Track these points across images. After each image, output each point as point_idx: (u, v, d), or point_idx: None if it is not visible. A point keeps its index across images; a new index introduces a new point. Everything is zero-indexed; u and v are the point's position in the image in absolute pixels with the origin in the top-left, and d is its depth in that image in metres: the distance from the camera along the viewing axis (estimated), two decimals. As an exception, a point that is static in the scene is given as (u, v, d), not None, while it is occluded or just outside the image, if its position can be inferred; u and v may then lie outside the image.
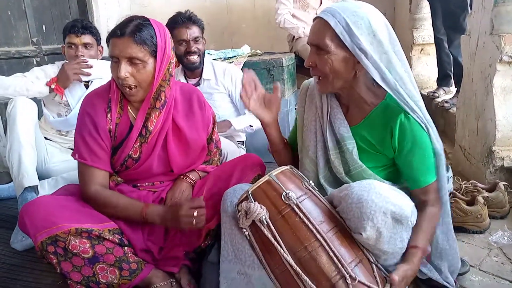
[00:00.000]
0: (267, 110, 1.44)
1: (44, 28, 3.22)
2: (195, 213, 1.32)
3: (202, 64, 2.43)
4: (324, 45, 1.23)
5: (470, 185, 2.04)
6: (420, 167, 1.28)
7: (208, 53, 3.04)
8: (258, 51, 3.24)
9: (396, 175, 1.39)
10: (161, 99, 1.44)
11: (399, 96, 1.23)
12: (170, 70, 1.44)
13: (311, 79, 1.49)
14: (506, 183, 2.01)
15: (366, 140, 1.34)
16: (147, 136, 1.46)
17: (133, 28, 1.35)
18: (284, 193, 1.18)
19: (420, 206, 1.28)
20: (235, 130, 2.39)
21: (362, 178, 1.28)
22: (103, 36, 1.80)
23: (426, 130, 1.27)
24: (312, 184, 1.27)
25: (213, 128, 1.66)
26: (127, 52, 1.34)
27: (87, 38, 2.22)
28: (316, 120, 1.42)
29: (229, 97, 2.50)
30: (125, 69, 1.35)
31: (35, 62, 3.08)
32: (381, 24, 1.23)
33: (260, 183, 1.22)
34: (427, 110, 1.30)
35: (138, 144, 1.47)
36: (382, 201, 1.10)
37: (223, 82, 2.45)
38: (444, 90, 3.46)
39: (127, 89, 1.39)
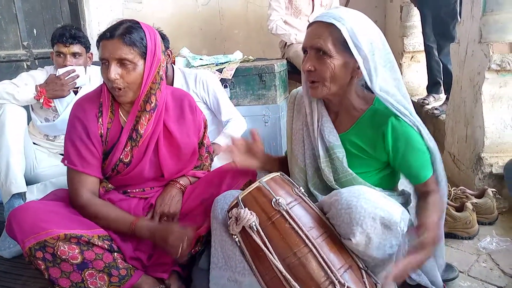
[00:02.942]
0: (253, 159, 1.47)
1: (35, 31, 3.20)
2: (184, 244, 1.31)
3: None
4: (327, 49, 1.23)
5: (459, 191, 2.06)
6: (417, 165, 1.30)
7: (200, 59, 3.04)
8: (250, 57, 3.25)
9: (387, 179, 1.40)
10: (152, 102, 1.43)
11: (387, 102, 1.25)
12: (160, 73, 1.44)
13: (299, 88, 1.49)
14: (494, 190, 2.04)
15: (356, 146, 1.34)
16: (138, 140, 1.46)
17: (123, 30, 1.35)
18: (274, 199, 1.18)
19: (423, 196, 1.32)
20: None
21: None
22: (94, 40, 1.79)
23: (417, 131, 1.29)
24: (302, 190, 1.27)
25: (204, 133, 1.66)
26: (117, 54, 1.33)
27: (75, 48, 2.18)
28: (304, 129, 1.43)
29: (205, 104, 2.45)
30: (115, 71, 1.35)
31: (25, 66, 3.05)
32: (376, 32, 1.26)
33: (251, 189, 1.22)
34: (417, 116, 1.32)
35: (129, 147, 1.46)
36: (371, 206, 1.11)
37: (195, 91, 2.41)
38: (434, 97, 3.49)
39: (117, 90, 1.38)
